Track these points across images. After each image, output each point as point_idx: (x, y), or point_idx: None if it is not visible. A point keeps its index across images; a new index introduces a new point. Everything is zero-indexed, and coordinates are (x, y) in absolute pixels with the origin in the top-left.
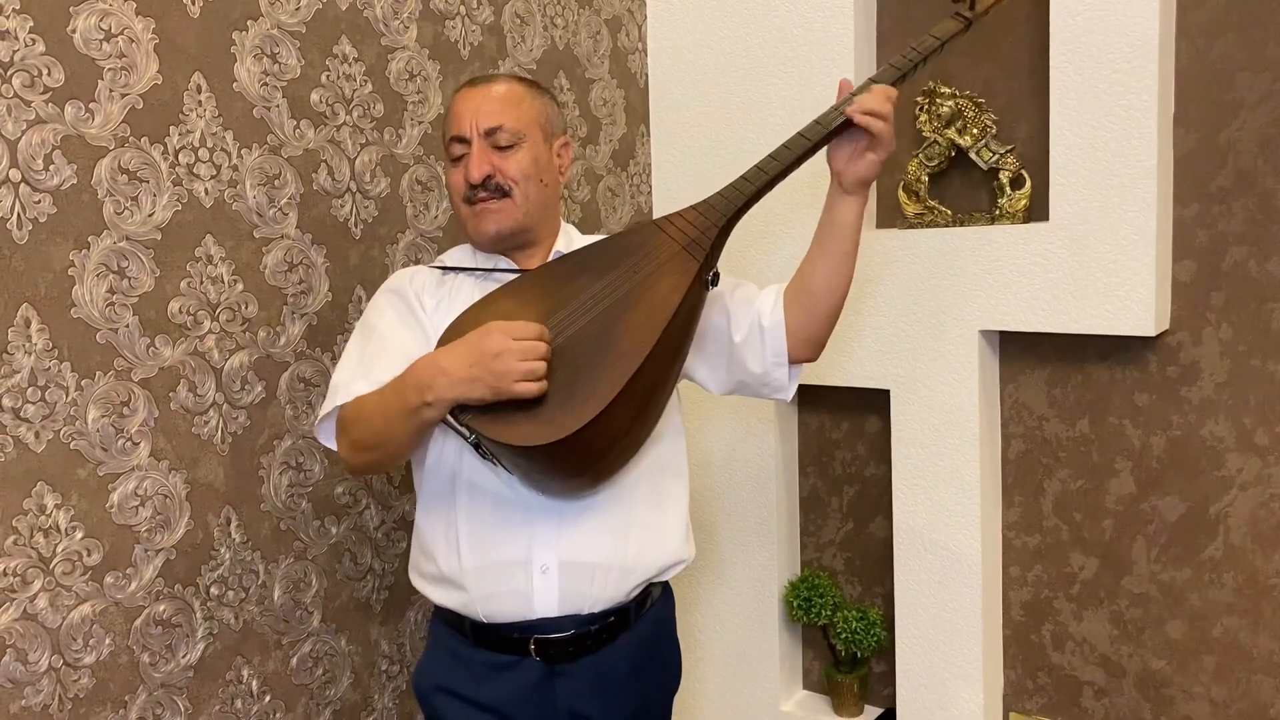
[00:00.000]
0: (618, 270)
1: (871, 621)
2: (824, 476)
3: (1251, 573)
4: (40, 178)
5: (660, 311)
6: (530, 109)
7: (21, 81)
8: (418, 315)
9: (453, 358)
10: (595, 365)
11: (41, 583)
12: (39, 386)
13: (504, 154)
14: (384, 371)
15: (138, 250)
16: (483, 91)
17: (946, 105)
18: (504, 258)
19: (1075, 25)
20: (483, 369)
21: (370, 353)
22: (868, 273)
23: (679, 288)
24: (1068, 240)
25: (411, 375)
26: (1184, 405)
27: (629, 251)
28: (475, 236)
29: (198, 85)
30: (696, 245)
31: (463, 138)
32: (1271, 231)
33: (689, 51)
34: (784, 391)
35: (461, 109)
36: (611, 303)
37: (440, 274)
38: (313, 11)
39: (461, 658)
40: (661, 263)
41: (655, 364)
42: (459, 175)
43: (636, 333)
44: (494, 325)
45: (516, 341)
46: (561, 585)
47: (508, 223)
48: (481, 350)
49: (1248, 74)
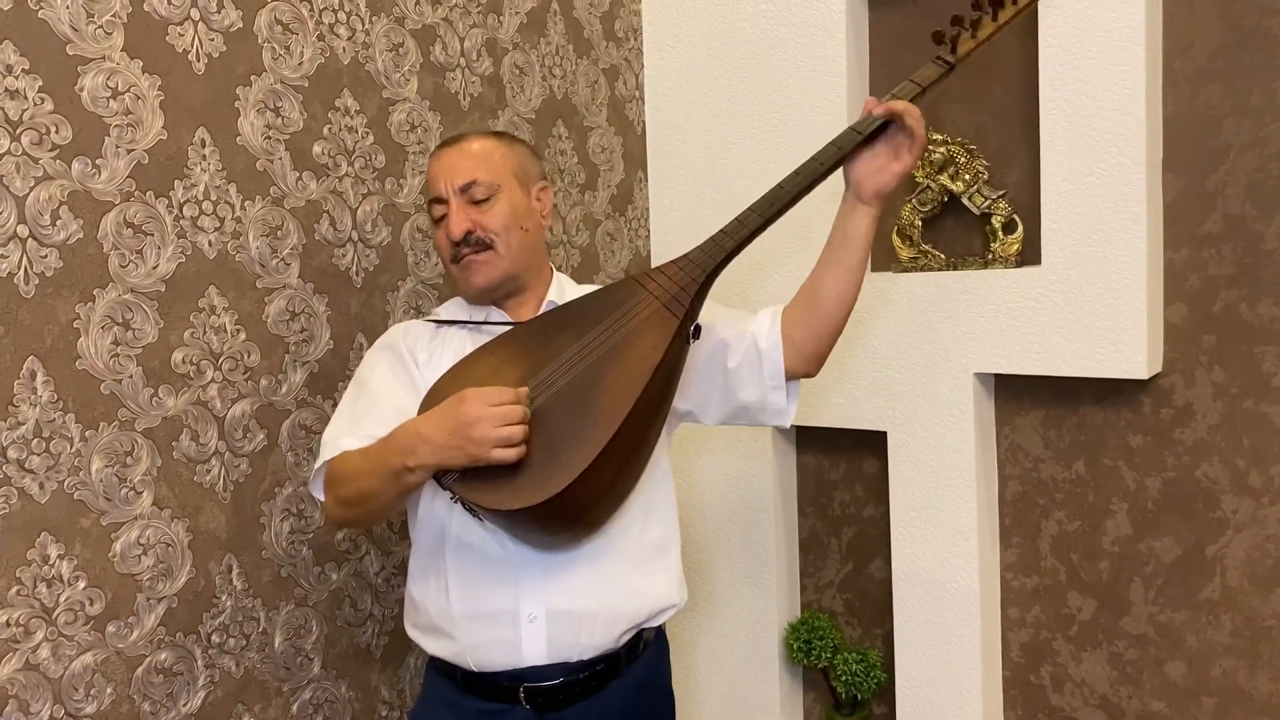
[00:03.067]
0: (599, 328)
1: (871, 663)
2: (823, 517)
3: (1249, 614)
4: (47, 233)
5: (640, 370)
6: (503, 160)
7: (30, 139)
8: (410, 370)
9: (432, 425)
10: (575, 426)
11: (44, 633)
12: (43, 438)
13: (481, 208)
14: (374, 426)
15: (142, 302)
16: (455, 150)
17: (939, 151)
18: (496, 309)
19: (1064, 73)
20: (460, 437)
21: (360, 408)
22: (863, 315)
23: (659, 345)
24: (1060, 284)
25: (394, 440)
26: (1178, 447)
27: (610, 309)
28: (465, 290)
29: (202, 139)
30: (676, 301)
31: (440, 198)
32: (1261, 274)
33: (685, 99)
34: (783, 416)
35: (436, 171)
36: (592, 361)
37: (434, 327)
38: (315, 66)
39: (454, 705)
40: (642, 320)
41: (636, 422)
42: (442, 235)
43: (617, 392)
44: (470, 393)
45: (492, 408)
46: (550, 634)
47: (494, 274)
48: (458, 418)
49: (1233, 120)
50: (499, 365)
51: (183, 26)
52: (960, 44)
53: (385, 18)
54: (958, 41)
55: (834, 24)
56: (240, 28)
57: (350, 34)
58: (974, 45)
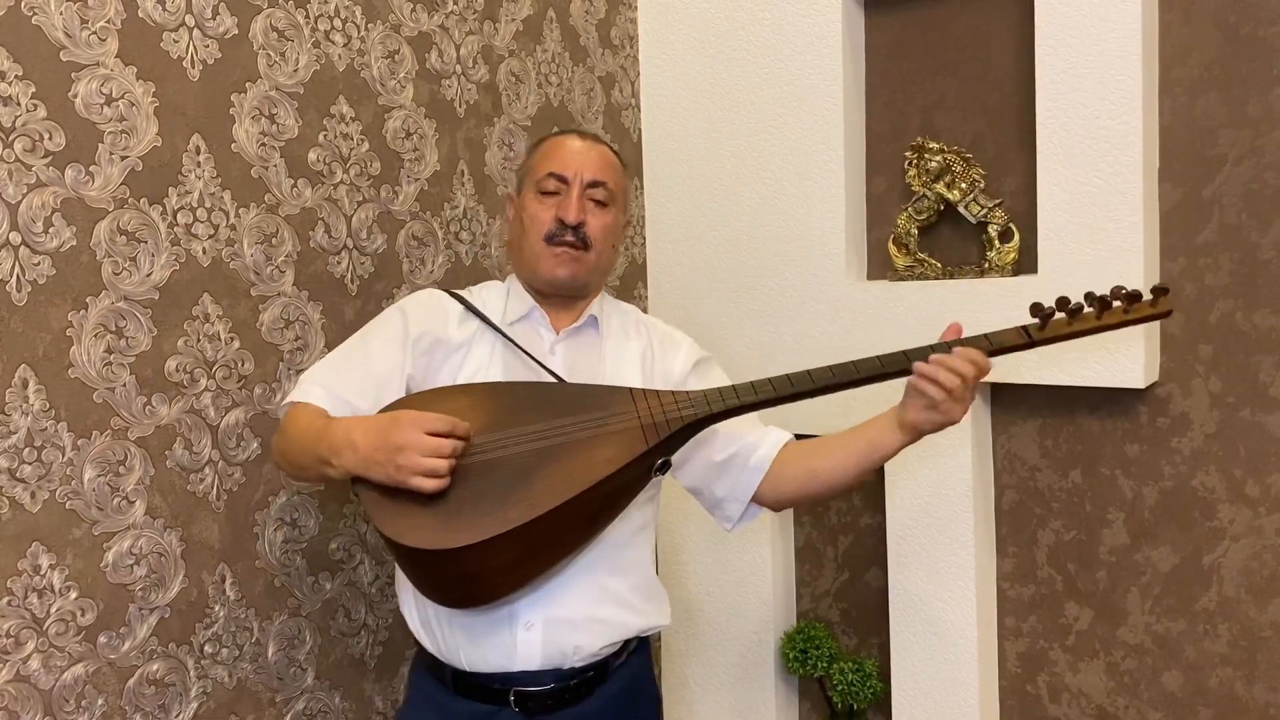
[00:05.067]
0: (572, 419)
1: (867, 673)
2: (819, 526)
3: (1246, 624)
4: (40, 240)
5: (584, 476)
6: (622, 181)
7: (23, 146)
8: (407, 349)
9: (364, 434)
10: (499, 498)
11: (35, 644)
12: (35, 447)
13: (597, 210)
14: (349, 390)
15: (135, 310)
16: (593, 147)
17: (935, 160)
18: (538, 306)
19: (1061, 82)
20: (385, 455)
21: (349, 365)
22: (859, 324)
23: (614, 461)
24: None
25: (329, 433)
26: (1175, 456)
27: (593, 406)
28: (543, 274)
29: (196, 146)
30: (655, 430)
31: (565, 178)
32: (1258, 284)
33: (681, 107)
34: (729, 524)
35: (568, 153)
36: (547, 446)
37: (463, 312)
38: (310, 73)
39: (442, 707)
40: (614, 431)
41: (556, 521)
42: (549, 211)
43: (552, 485)
44: (406, 416)
45: (424, 437)
46: (545, 641)
47: (580, 273)
48: (388, 438)
49: (1230, 130)
50: (469, 407)
51: (177, 33)
52: (1051, 325)
53: (381, 25)
54: (1050, 321)
55: (830, 32)
56: (235, 34)
57: (346, 41)
58: (1064, 333)
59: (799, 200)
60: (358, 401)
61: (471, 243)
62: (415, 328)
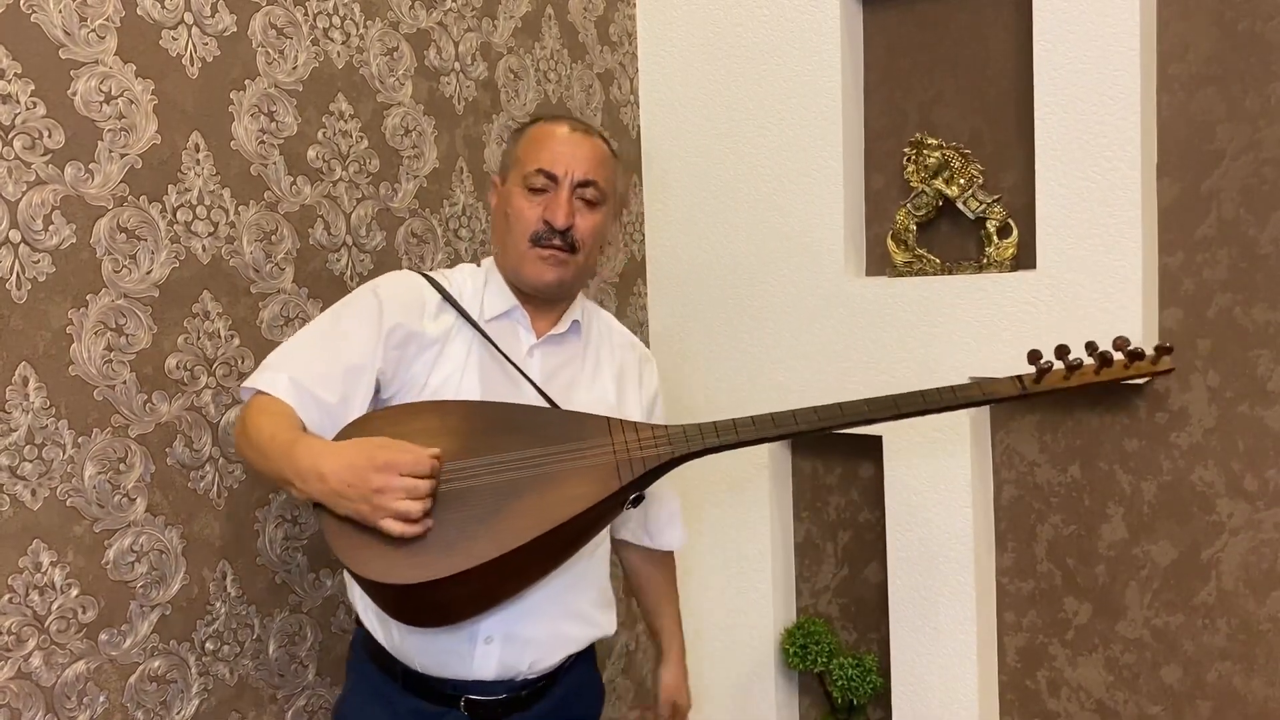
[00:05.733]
0: (548, 449)
1: (867, 668)
2: (818, 522)
3: (1244, 617)
4: (40, 238)
5: (557, 511)
6: (614, 176)
7: (23, 144)
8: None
9: (335, 467)
10: (467, 530)
11: (36, 641)
12: (36, 444)
13: (586, 210)
14: (318, 384)
15: (135, 307)
16: (586, 141)
17: (933, 156)
18: (520, 306)
19: (1059, 77)
20: (358, 493)
21: (321, 354)
22: (857, 320)
23: (588, 497)
24: (1055, 288)
25: (295, 455)
26: (1173, 451)
27: (569, 436)
28: (527, 277)
29: (196, 144)
30: (630, 467)
31: (553, 175)
32: (1256, 279)
33: (680, 104)
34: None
35: (559, 148)
36: (521, 477)
37: (439, 301)
38: (309, 70)
39: (389, 701)
40: (589, 465)
41: (527, 554)
42: (536, 209)
43: (524, 519)
44: (381, 455)
45: (402, 478)
46: (502, 655)
47: (566, 278)
48: (365, 476)
49: (1228, 125)
50: (439, 430)
51: (176, 30)
52: (1047, 379)
53: (379, 22)
54: (1046, 375)
55: (829, 28)
56: (234, 32)
57: (344, 38)
58: (1059, 387)
59: (798, 196)
60: (325, 396)
61: (471, 240)
62: (389, 318)
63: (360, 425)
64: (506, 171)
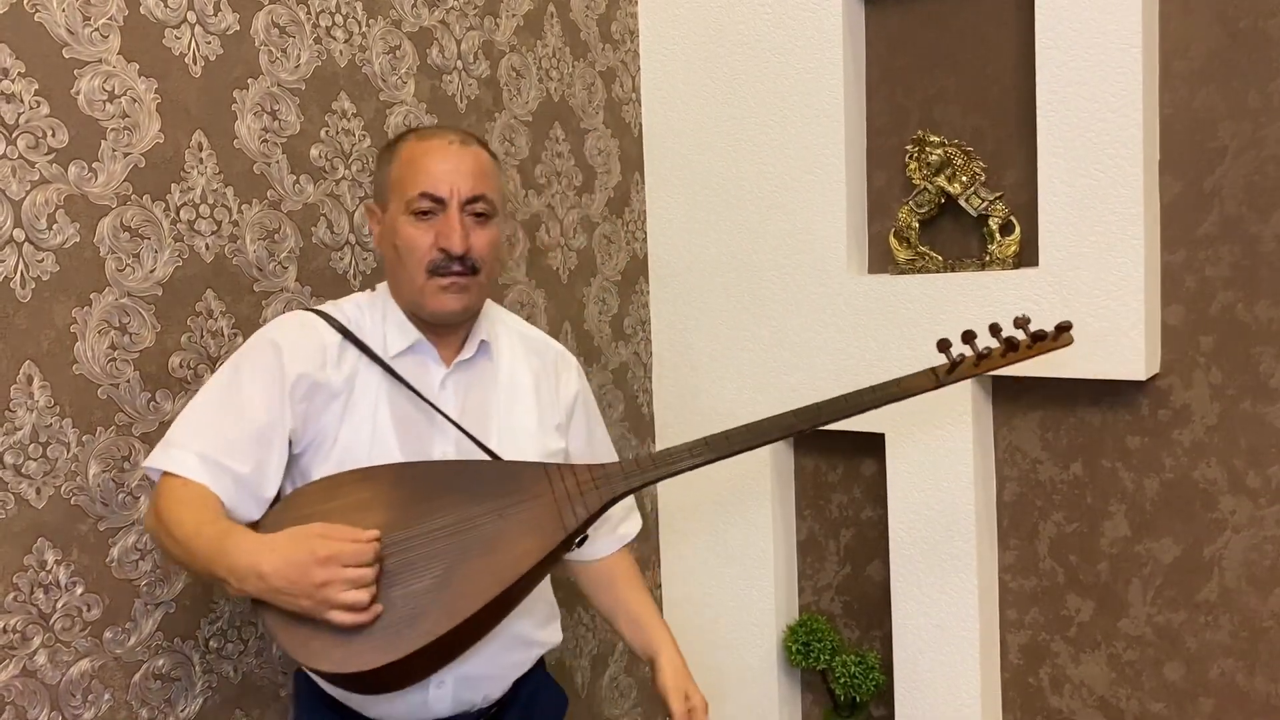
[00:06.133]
0: (486, 507)
1: (870, 665)
2: (821, 519)
3: (1247, 614)
4: (43, 237)
5: (509, 571)
6: (499, 183)
7: (26, 143)
8: (285, 399)
9: (274, 564)
10: (419, 605)
11: (41, 639)
12: (40, 443)
13: (479, 226)
14: (227, 454)
15: (139, 306)
16: (461, 151)
17: (936, 153)
18: (424, 338)
19: (1061, 75)
20: (301, 590)
21: (223, 422)
22: (860, 318)
23: (533, 553)
24: (1057, 285)
25: (227, 552)
26: (1176, 448)
27: (506, 490)
28: (431, 309)
29: (199, 143)
30: (573, 513)
31: (439, 197)
32: (1258, 276)
33: (682, 101)
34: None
35: (439, 167)
36: (465, 541)
37: (339, 343)
38: (312, 69)
39: None
40: (531, 517)
41: (483, 614)
42: (427, 236)
43: (474, 585)
44: (328, 550)
45: (345, 569)
46: (456, 695)
47: (472, 303)
48: (307, 572)
49: (1230, 122)
50: (371, 503)
51: (179, 29)
52: (960, 369)
53: (382, 20)
54: (959, 367)
55: (831, 26)
56: (237, 30)
57: (347, 37)
58: (971, 374)
59: (800, 194)
60: (237, 466)
61: None
62: (291, 369)
63: (288, 506)
64: (385, 198)
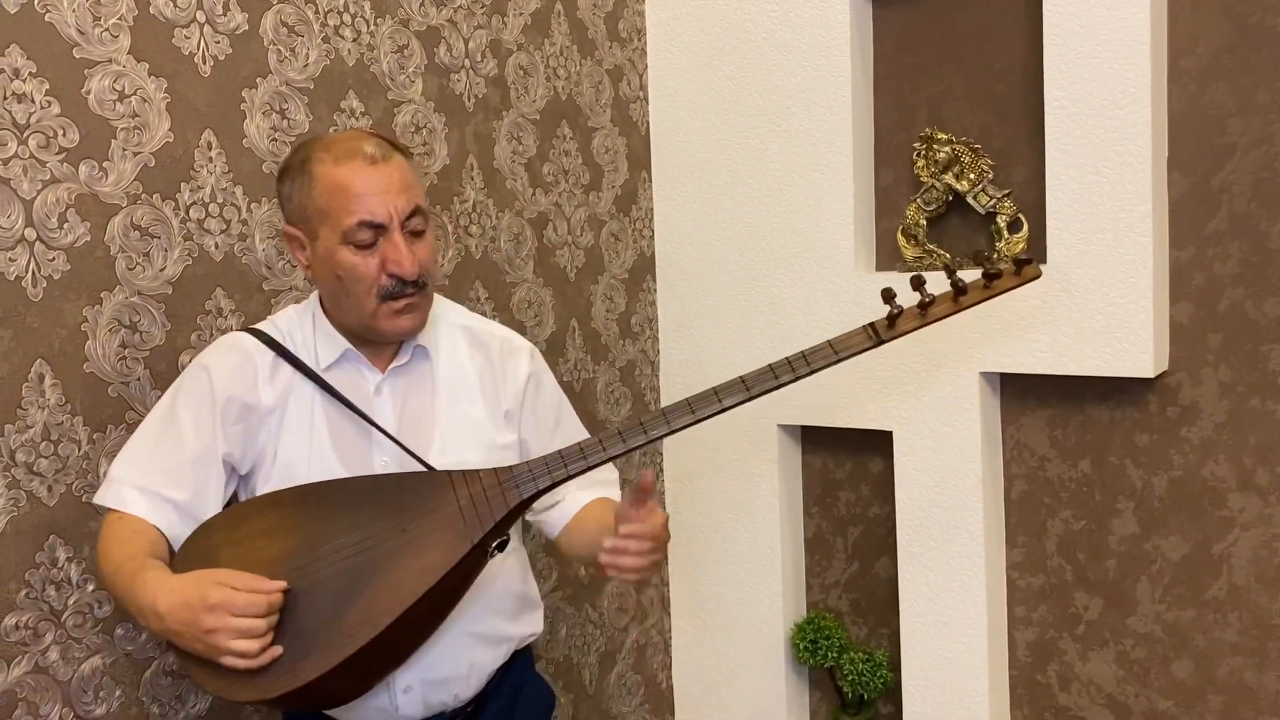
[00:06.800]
0: (389, 523)
1: (878, 663)
2: (828, 517)
3: (1256, 612)
4: (54, 236)
5: (416, 584)
6: (420, 180)
7: (37, 142)
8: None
9: (169, 605)
10: (325, 626)
11: (53, 635)
12: (52, 441)
13: (418, 241)
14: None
15: (149, 305)
16: (384, 167)
17: (943, 151)
18: (352, 348)
19: (1069, 71)
20: (192, 634)
21: (161, 452)
22: (868, 315)
23: (438, 567)
24: (1066, 283)
25: (134, 592)
26: (1184, 445)
27: (410, 502)
28: (385, 332)
29: (208, 142)
30: (479, 522)
31: (380, 224)
32: (1267, 273)
33: (689, 99)
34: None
35: (371, 190)
36: (368, 560)
37: (273, 360)
38: (320, 68)
39: None
40: (436, 529)
41: (399, 629)
42: (373, 264)
43: (381, 601)
44: (218, 598)
45: (234, 619)
46: (425, 698)
47: (425, 317)
48: (197, 618)
49: (1239, 119)
50: (274, 527)
51: (189, 29)
52: (902, 321)
53: (390, 19)
54: (899, 319)
55: (838, 23)
56: (246, 30)
57: (355, 36)
58: (916, 326)
59: (807, 192)
60: (175, 495)
61: (481, 236)
62: (221, 392)
63: (196, 537)
64: (311, 225)
